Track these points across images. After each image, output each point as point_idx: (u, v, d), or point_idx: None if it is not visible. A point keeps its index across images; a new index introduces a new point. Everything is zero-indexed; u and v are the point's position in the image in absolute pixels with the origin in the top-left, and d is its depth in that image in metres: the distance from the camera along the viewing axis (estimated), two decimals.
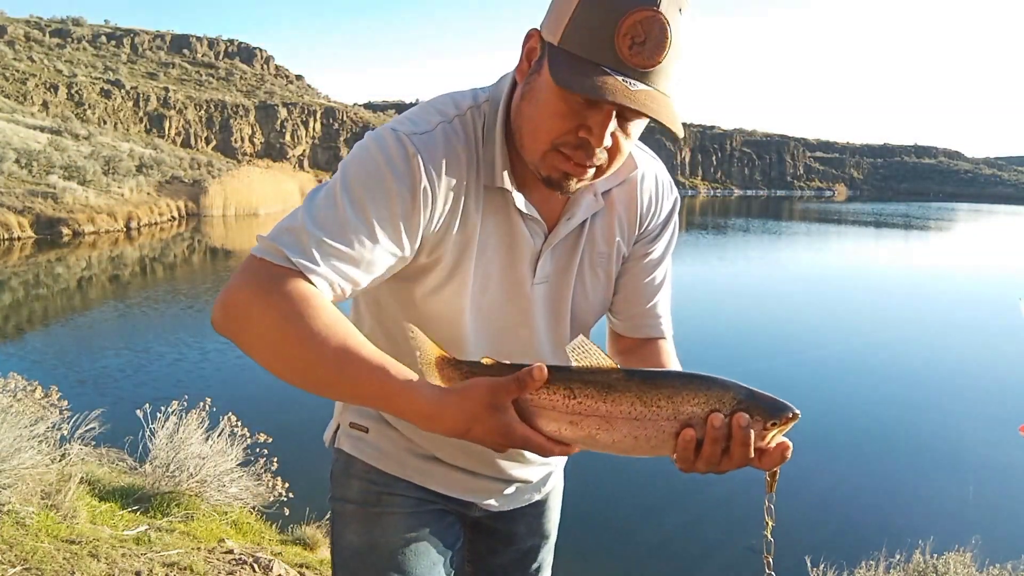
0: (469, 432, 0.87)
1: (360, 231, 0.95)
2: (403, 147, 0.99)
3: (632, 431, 0.88)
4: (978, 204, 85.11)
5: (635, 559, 5.14)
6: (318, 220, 0.95)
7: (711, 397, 0.88)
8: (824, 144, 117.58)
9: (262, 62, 76.87)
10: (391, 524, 1.23)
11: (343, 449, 1.30)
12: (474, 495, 1.30)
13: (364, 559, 1.22)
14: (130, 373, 8.64)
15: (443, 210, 1.03)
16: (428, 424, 0.88)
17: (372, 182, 0.97)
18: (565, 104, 0.94)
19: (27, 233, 19.18)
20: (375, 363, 0.88)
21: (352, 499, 1.26)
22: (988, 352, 11.63)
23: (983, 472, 6.85)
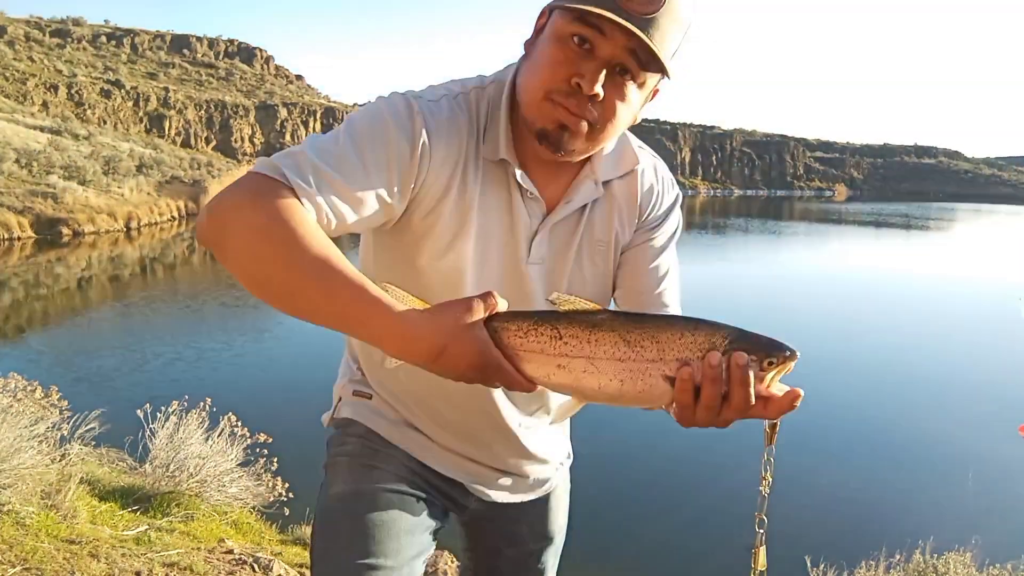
0: (445, 351, 0.82)
1: (356, 168, 0.97)
2: (408, 105, 1.04)
3: (617, 374, 0.84)
4: (978, 204, 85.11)
5: (633, 557, 5.14)
6: (319, 150, 0.97)
7: (699, 337, 0.83)
8: (824, 144, 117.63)
9: (262, 62, 76.89)
10: (380, 477, 1.21)
11: (341, 416, 1.29)
12: (469, 477, 1.29)
13: (346, 504, 1.19)
14: (130, 373, 8.64)
15: (439, 173, 1.06)
16: (403, 345, 0.83)
17: (375, 129, 1.01)
18: (561, 52, 0.99)
19: (27, 233, 19.19)
20: (354, 278, 0.86)
21: (347, 453, 1.25)
22: (988, 352, 11.64)
23: (983, 472, 6.85)
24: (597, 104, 1.00)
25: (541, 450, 1.32)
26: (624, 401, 0.86)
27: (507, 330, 0.87)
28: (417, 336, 0.83)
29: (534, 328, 0.86)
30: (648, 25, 0.95)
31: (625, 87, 1.01)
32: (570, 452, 1.47)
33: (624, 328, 0.85)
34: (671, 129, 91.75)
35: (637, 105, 1.06)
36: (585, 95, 0.99)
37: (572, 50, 0.98)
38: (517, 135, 1.10)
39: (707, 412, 0.84)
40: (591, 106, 1.00)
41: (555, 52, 0.99)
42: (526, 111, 1.05)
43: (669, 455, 6.66)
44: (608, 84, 0.99)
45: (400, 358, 0.86)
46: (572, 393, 0.89)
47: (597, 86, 0.98)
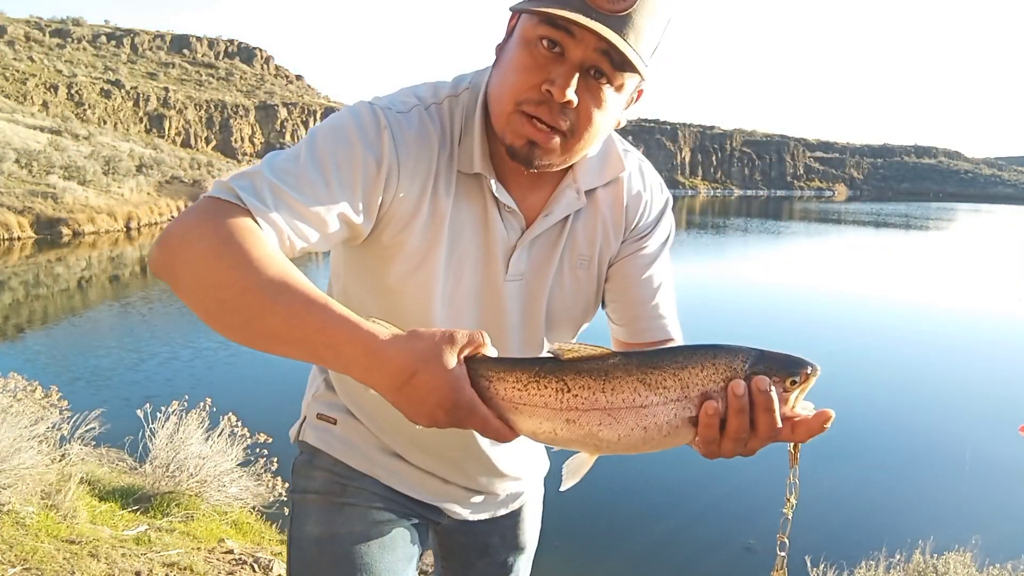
0: (414, 377, 0.74)
1: (317, 186, 0.91)
2: (376, 118, 0.98)
3: (639, 421, 0.78)
4: (978, 204, 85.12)
5: (631, 561, 5.14)
6: (276, 169, 0.91)
7: (720, 366, 0.78)
8: (824, 144, 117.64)
9: (262, 62, 76.89)
10: (354, 515, 1.18)
11: (308, 442, 1.25)
12: (440, 500, 1.26)
13: (323, 549, 1.16)
14: (130, 373, 8.64)
15: (409, 189, 1.00)
16: (369, 362, 0.75)
17: (338, 145, 0.95)
18: (529, 57, 0.92)
19: (27, 233, 19.18)
20: (316, 297, 0.79)
21: (315, 490, 1.21)
22: (988, 352, 11.63)
23: (983, 472, 6.84)
24: (571, 112, 0.94)
25: (514, 468, 1.28)
26: (646, 448, 0.80)
27: (504, 381, 0.79)
28: (386, 356, 0.75)
29: (535, 380, 0.79)
30: (621, 24, 0.88)
31: (601, 91, 0.94)
32: (547, 464, 1.43)
33: (641, 371, 0.78)
34: (671, 129, 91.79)
35: (617, 109, 0.99)
36: (557, 102, 0.92)
37: (541, 54, 0.92)
38: (493, 145, 1.03)
39: (734, 444, 0.80)
40: (564, 114, 0.94)
41: (523, 57, 0.93)
42: (495, 124, 0.99)
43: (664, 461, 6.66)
44: (582, 89, 0.93)
45: (365, 381, 0.77)
46: (583, 448, 0.81)
47: (569, 92, 0.91)
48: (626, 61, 0.90)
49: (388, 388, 0.76)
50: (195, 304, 0.84)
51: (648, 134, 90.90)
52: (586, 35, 0.88)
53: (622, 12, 0.88)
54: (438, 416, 0.77)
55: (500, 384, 0.79)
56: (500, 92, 0.96)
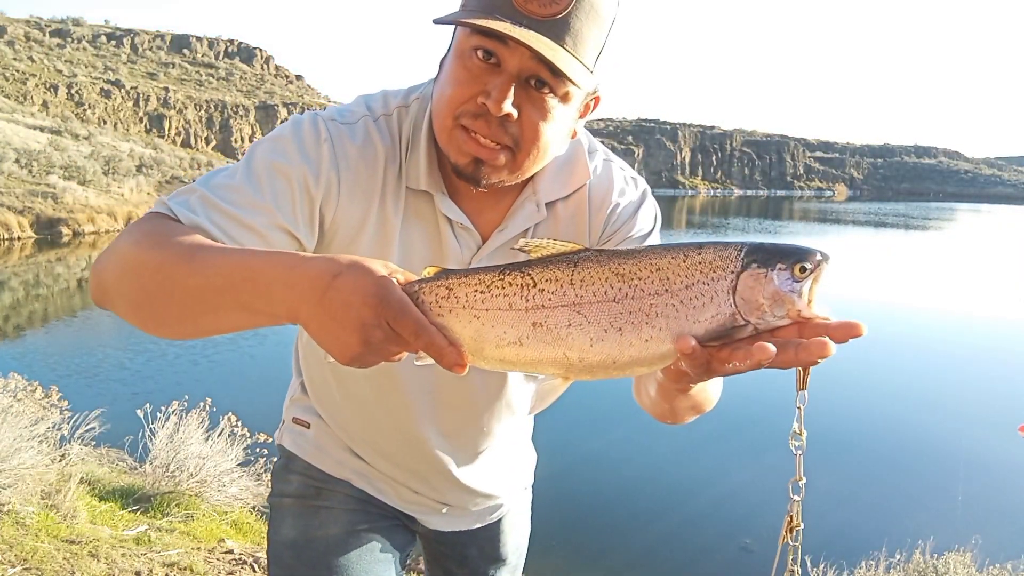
0: (336, 279, 0.67)
1: (253, 200, 0.88)
2: (316, 131, 0.95)
3: (614, 320, 0.65)
4: (978, 204, 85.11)
5: (629, 561, 5.14)
6: (212, 185, 0.89)
7: (707, 255, 0.66)
8: (824, 144, 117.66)
9: (262, 62, 76.90)
10: (329, 518, 1.18)
11: (284, 446, 1.26)
12: (411, 509, 1.25)
13: (299, 553, 1.16)
14: (130, 373, 8.64)
15: (352, 204, 0.96)
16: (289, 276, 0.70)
17: (276, 157, 0.92)
18: (466, 69, 0.87)
19: (27, 233, 19.18)
20: (229, 246, 0.79)
21: (290, 493, 1.22)
22: (988, 352, 11.63)
23: (983, 472, 6.84)
24: (512, 125, 0.88)
25: (484, 485, 1.25)
26: (625, 361, 0.67)
27: (464, 284, 0.69)
28: (307, 265, 0.70)
29: (499, 278, 0.68)
30: (557, 29, 0.82)
31: (544, 102, 0.88)
32: (528, 480, 1.40)
33: (615, 261, 0.67)
34: (671, 129, 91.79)
35: (567, 119, 0.92)
36: (495, 116, 0.86)
37: (476, 65, 0.86)
38: (444, 159, 0.97)
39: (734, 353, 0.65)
40: (505, 128, 0.88)
41: (458, 70, 0.88)
42: (439, 140, 0.93)
43: (659, 458, 6.66)
44: (523, 100, 0.87)
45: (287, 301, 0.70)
46: (553, 366, 0.68)
47: (506, 104, 0.85)
48: (568, 69, 0.84)
49: (310, 299, 0.68)
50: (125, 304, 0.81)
51: (648, 134, 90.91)
52: (520, 45, 0.82)
53: (557, 16, 0.82)
54: (367, 317, 0.66)
55: (459, 288, 0.69)
56: (439, 107, 0.91)
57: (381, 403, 1.12)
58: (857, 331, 0.64)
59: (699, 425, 0.96)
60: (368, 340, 0.66)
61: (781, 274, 0.64)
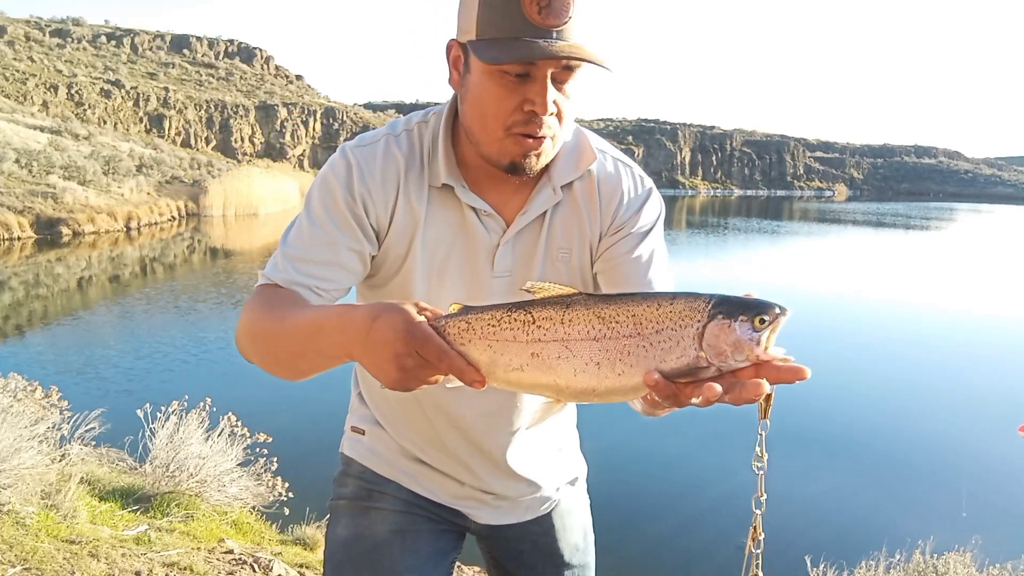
0: (376, 320, 0.83)
1: (320, 238, 1.10)
2: (346, 160, 1.14)
3: (594, 355, 0.78)
4: (978, 204, 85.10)
5: (626, 561, 5.14)
6: (288, 242, 1.13)
7: (679, 305, 0.77)
8: (824, 144, 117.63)
9: (262, 62, 76.88)
10: (379, 518, 1.27)
11: (344, 452, 1.37)
12: (460, 503, 1.32)
13: (349, 549, 1.26)
14: (130, 373, 8.64)
15: (383, 208, 1.13)
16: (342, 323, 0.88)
17: (326, 198, 1.12)
18: (502, 87, 0.99)
19: (27, 233, 19.18)
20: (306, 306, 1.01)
21: (345, 496, 1.32)
22: (988, 352, 11.63)
23: (983, 472, 6.84)
24: (552, 117, 1.03)
25: (524, 468, 1.30)
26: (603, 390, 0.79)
27: (480, 319, 0.84)
28: (354, 314, 0.87)
29: (507, 314, 0.83)
30: (569, 35, 0.96)
31: (565, 89, 1.03)
32: (577, 473, 1.44)
33: (598, 305, 0.80)
34: (671, 129, 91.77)
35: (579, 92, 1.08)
36: (541, 115, 1.01)
37: (511, 81, 0.99)
38: (462, 159, 1.14)
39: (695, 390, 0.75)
40: (547, 120, 1.02)
41: (495, 88, 1.00)
42: (488, 151, 1.06)
43: (658, 459, 6.66)
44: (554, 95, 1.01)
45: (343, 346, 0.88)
46: (547, 390, 0.82)
47: (550, 104, 1.00)
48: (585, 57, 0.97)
49: (357, 340, 0.85)
50: (260, 364, 1.06)
51: (648, 134, 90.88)
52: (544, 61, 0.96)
53: (566, 22, 0.96)
54: (399, 349, 0.81)
55: (477, 322, 0.84)
56: (484, 123, 1.04)
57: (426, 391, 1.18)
58: (802, 375, 0.74)
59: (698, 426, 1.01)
60: (403, 367, 0.82)
61: (743, 325, 0.74)
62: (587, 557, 1.44)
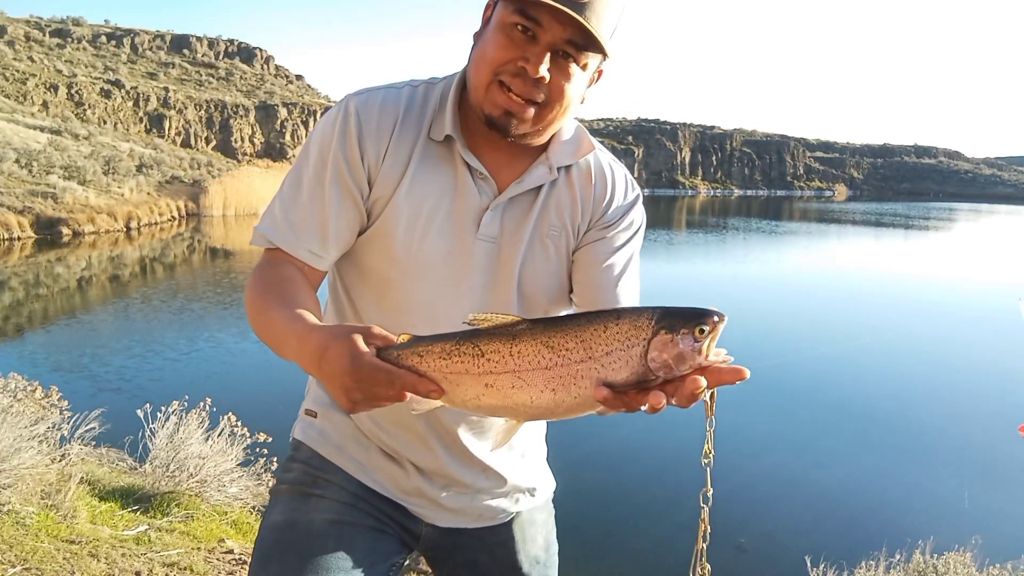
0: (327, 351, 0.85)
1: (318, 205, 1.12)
2: (345, 108, 1.14)
3: (548, 383, 0.80)
4: (978, 204, 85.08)
5: (623, 562, 5.14)
6: (286, 198, 1.15)
7: (624, 325, 0.78)
8: (824, 144, 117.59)
9: (262, 62, 76.88)
10: (318, 506, 1.19)
11: (294, 436, 1.31)
12: (410, 501, 1.23)
13: (281, 535, 1.16)
14: (130, 373, 8.64)
15: (375, 155, 1.14)
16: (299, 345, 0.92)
17: (325, 152, 1.13)
18: (507, 37, 1.04)
19: (27, 233, 19.18)
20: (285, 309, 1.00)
21: (288, 480, 1.25)
22: (988, 352, 11.63)
23: (983, 472, 6.84)
24: (543, 86, 1.06)
25: (484, 456, 1.25)
26: (561, 412, 0.82)
27: (431, 352, 0.83)
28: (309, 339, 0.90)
29: (456, 348, 0.83)
30: (583, 10, 1.01)
31: (568, 68, 1.07)
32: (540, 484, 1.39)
33: (545, 334, 0.80)
34: (671, 129, 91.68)
35: (582, 86, 1.12)
36: (531, 77, 1.04)
37: (517, 36, 1.04)
38: (465, 120, 1.16)
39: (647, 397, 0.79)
40: (538, 88, 1.06)
41: (500, 38, 1.05)
42: (474, 96, 1.10)
43: (656, 459, 6.66)
44: (553, 67, 1.05)
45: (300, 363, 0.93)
46: (507, 414, 0.84)
47: (542, 68, 1.04)
48: (591, 42, 1.03)
49: (312, 365, 0.89)
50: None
51: (648, 134, 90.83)
52: (554, 22, 1.02)
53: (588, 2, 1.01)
54: (347, 383, 0.83)
55: (428, 356, 0.84)
56: (479, 66, 1.08)
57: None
58: (742, 375, 0.78)
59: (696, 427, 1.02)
60: (353, 399, 0.84)
61: (684, 338, 0.77)
62: (549, 571, 1.38)
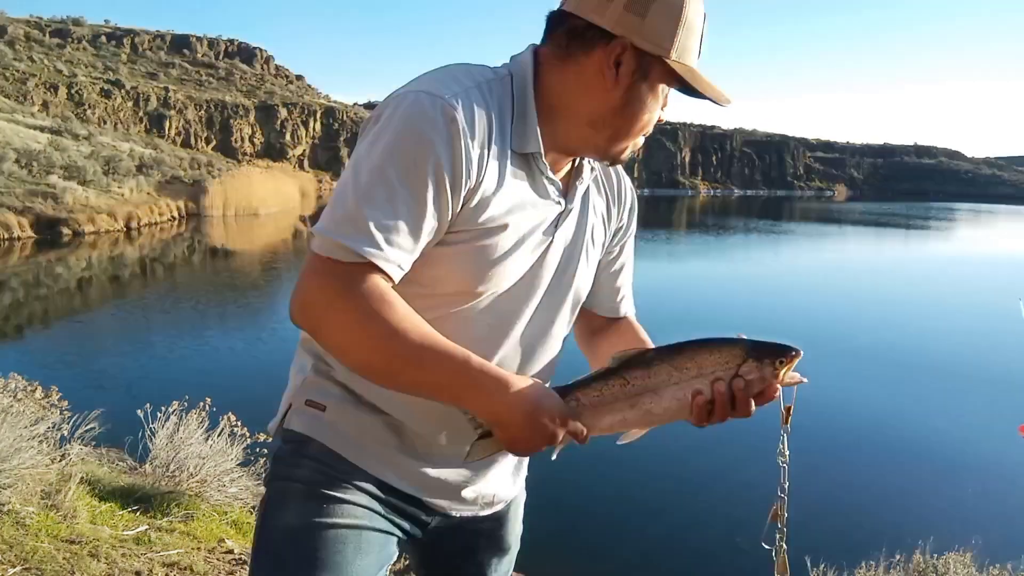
0: (539, 403, 0.99)
1: (412, 205, 0.99)
2: (443, 111, 0.99)
3: (675, 394, 1.05)
4: (978, 204, 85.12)
5: (622, 562, 5.14)
6: (370, 200, 0.97)
7: (724, 351, 1.05)
8: (824, 144, 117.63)
9: (262, 62, 76.90)
10: (336, 511, 1.13)
11: (294, 430, 1.18)
12: (429, 492, 1.21)
13: (297, 542, 1.10)
14: (130, 373, 8.64)
15: (480, 166, 1.03)
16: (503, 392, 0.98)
17: (421, 153, 0.98)
18: (656, 101, 1.11)
19: (27, 233, 19.19)
20: (451, 351, 0.99)
21: (299, 479, 1.15)
22: (988, 352, 11.64)
23: (983, 472, 6.85)
24: None
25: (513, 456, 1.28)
26: (671, 417, 1.07)
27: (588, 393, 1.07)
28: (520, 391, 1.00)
29: (607, 384, 1.07)
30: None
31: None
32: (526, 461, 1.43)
33: (671, 358, 1.06)
34: (671, 129, 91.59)
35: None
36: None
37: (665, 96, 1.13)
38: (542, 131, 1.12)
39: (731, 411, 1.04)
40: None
41: (653, 102, 1.11)
42: (613, 149, 1.14)
43: (656, 459, 6.66)
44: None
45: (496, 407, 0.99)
46: (640, 424, 1.08)
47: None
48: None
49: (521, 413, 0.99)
50: (340, 357, 1.04)
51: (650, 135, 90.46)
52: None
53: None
54: (554, 431, 1.01)
55: (585, 395, 1.07)
56: (631, 128, 1.12)
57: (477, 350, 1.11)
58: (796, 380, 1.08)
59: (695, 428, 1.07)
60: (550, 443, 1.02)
61: (767, 367, 1.03)
62: (518, 543, 1.42)
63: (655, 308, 10.26)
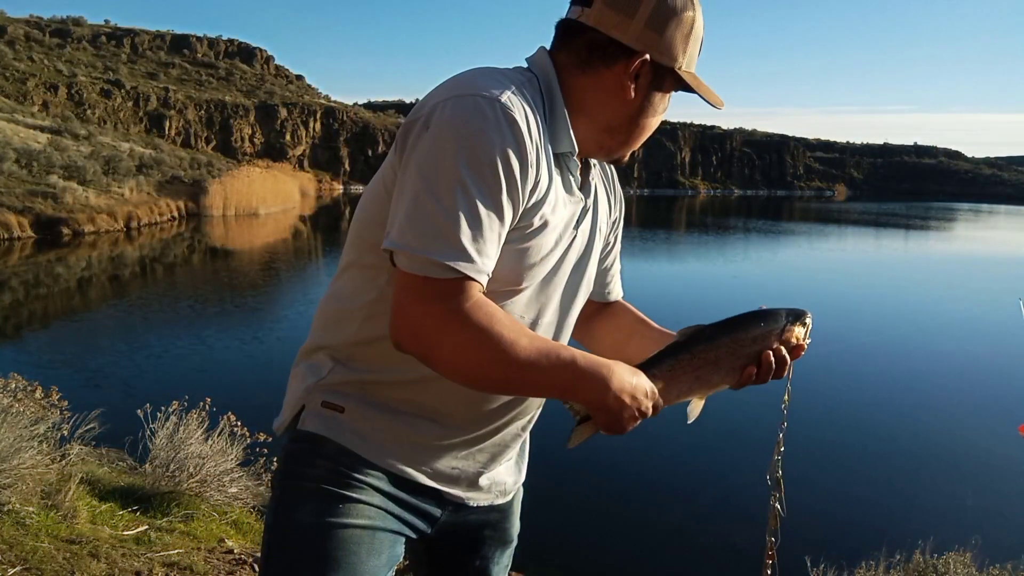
0: (637, 385, 1.08)
1: (493, 210, 0.99)
2: (505, 114, 0.99)
3: (731, 363, 1.18)
4: (978, 204, 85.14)
5: (622, 561, 5.14)
6: (453, 211, 0.96)
7: (770, 321, 1.20)
8: (824, 144, 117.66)
9: (262, 62, 76.94)
10: (353, 511, 1.14)
11: (309, 431, 1.18)
12: (447, 483, 1.22)
13: (312, 541, 1.11)
14: (130, 373, 8.64)
15: (539, 167, 1.05)
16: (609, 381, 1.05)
17: (487, 153, 0.97)
18: (665, 107, 1.19)
19: (27, 233, 19.19)
20: (560, 352, 1.03)
21: (315, 478, 1.15)
22: (988, 352, 11.64)
23: (983, 472, 6.85)
24: None
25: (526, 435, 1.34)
26: (725, 384, 1.19)
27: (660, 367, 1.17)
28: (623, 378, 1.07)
29: (677, 359, 1.18)
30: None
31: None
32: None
33: (730, 331, 1.18)
34: (671, 129, 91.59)
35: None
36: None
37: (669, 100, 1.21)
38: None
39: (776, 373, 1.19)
40: None
41: (662, 108, 1.19)
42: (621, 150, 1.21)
43: (656, 459, 6.66)
44: None
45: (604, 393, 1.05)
46: (702, 393, 1.20)
47: None
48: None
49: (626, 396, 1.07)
50: (456, 376, 1.03)
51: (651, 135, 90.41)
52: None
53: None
54: (645, 408, 1.10)
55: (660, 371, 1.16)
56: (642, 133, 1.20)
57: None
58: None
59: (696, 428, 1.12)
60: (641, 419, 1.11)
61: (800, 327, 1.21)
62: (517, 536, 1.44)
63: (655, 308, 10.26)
